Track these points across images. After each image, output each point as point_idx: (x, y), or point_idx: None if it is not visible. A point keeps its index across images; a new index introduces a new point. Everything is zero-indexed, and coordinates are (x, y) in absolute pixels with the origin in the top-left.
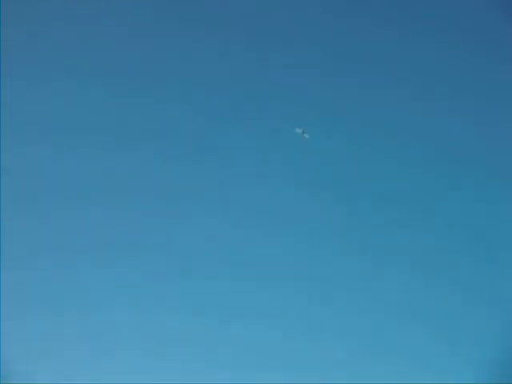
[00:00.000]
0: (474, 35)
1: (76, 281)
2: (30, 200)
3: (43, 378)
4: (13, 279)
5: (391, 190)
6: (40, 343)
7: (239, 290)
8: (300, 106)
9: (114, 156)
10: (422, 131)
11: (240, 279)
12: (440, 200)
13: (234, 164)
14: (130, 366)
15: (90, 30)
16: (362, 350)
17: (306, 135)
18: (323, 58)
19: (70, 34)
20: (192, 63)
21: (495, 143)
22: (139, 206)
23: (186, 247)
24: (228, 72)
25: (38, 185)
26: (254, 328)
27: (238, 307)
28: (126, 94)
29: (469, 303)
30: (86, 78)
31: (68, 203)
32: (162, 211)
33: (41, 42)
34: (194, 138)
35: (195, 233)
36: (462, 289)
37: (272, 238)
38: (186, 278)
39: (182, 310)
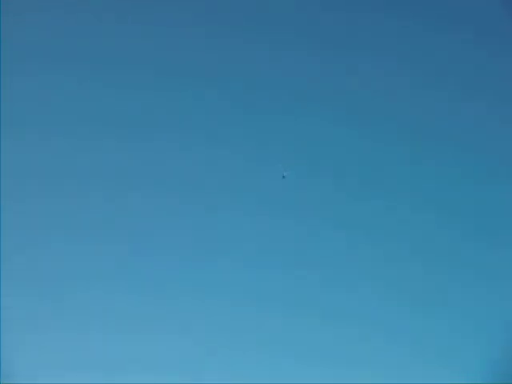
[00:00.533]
0: (481, 31)
1: (77, 279)
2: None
3: (43, 377)
4: (13, 278)
5: (399, 185)
6: (40, 343)
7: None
8: (313, 101)
9: (117, 147)
10: (427, 126)
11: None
12: (455, 194)
13: (239, 156)
14: (132, 364)
15: (93, 24)
16: (357, 349)
17: (286, 173)
18: (328, 55)
19: (72, 26)
20: (196, 58)
21: (500, 136)
22: (143, 195)
23: (191, 234)
24: (235, 65)
25: (39, 173)
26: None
27: (246, 294)
28: (126, 89)
29: (469, 303)
30: (90, 72)
31: (72, 189)
32: (165, 199)
33: (41, 36)
34: (203, 129)
35: (199, 219)
36: (463, 289)
37: (282, 225)
38: (192, 262)
39: (185, 295)
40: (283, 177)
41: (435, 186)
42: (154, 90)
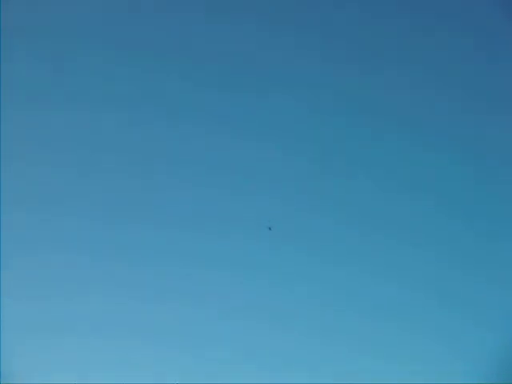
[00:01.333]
0: (477, 34)
1: (79, 280)
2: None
3: (43, 378)
4: (13, 277)
5: (403, 182)
6: (41, 343)
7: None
8: (315, 97)
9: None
10: (428, 124)
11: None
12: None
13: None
14: (134, 363)
15: (95, 12)
16: (359, 347)
17: (270, 228)
18: (332, 52)
19: (72, 13)
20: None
21: (497, 136)
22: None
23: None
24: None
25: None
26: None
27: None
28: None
29: (469, 302)
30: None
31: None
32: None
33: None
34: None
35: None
36: (463, 287)
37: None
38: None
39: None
40: (269, 228)
41: (438, 181)
42: (154, 80)
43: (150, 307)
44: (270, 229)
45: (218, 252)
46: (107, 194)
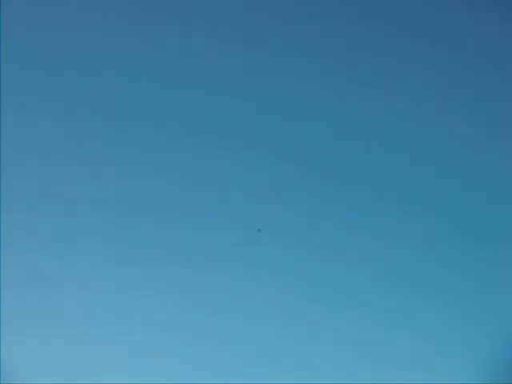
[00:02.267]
0: (474, 38)
1: (78, 278)
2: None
3: (44, 378)
4: (13, 280)
5: (400, 190)
6: (41, 343)
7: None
8: (305, 104)
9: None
10: (426, 134)
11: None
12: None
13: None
14: (136, 364)
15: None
16: (356, 348)
17: (259, 229)
18: (330, 61)
19: (70, 23)
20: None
21: (496, 145)
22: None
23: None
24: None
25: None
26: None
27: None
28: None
29: (469, 300)
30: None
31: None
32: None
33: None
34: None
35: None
36: (462, 286)
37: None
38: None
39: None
40: (259, 230)
41: (435, 190)
42: (151, 88)
43: (150, 305)
44: (259, 230)
45: (218, 252)
46: (105, 194)
